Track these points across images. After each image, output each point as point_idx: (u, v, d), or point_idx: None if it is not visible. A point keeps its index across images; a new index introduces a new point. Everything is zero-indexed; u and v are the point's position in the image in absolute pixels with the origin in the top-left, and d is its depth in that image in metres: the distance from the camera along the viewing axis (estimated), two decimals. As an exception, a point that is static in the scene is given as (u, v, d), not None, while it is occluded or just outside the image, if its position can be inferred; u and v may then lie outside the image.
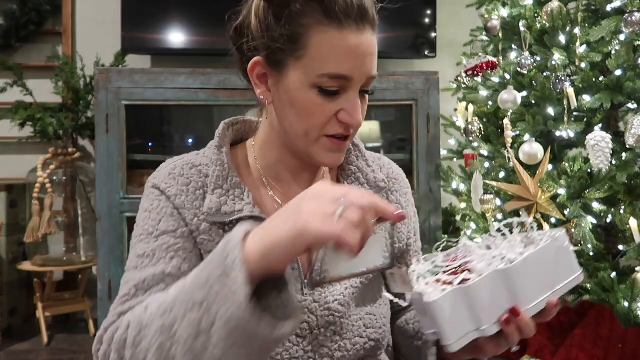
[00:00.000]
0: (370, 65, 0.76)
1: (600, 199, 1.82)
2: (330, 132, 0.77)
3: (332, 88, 0.74)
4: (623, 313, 1.67)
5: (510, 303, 0.68)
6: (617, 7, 1.89)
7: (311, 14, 0.73)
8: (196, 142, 2.64)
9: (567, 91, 1.86)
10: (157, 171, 0.85)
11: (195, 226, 0.79)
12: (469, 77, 2.13)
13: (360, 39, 0.74)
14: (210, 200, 0.79)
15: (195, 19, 2.69)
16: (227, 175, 0.81)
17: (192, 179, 0.81)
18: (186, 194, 0.80)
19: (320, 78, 0.73)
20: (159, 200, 0.80)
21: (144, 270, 0.76)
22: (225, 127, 0.87)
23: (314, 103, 0.75)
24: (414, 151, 2.36)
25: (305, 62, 0.74)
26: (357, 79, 0.75)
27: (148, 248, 0.77)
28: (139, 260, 0.77)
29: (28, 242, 2.52)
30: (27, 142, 2.70)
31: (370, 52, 0.75)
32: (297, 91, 0.75)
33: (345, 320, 0.82)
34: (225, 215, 0.78)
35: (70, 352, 2.36)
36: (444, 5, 2.85)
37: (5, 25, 2.77)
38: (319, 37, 0.73)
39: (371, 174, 0.88)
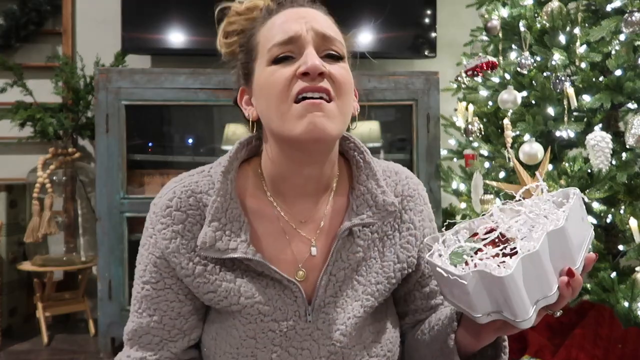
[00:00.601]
0: (315, 22, 0.77)
1: (600, 199, 1.82)
2: (296, 90, 0.73)
3: (283, 54, 0.76)
4: (623, 313, 1.67)
5: (563, 263, 0.65)
6: (617, 7, 1.89)
7: (257, 22, 0.82)
8: (196, 142, 2.64)
9: (567, 91, 1.86)
10: (159, 195, 0.83)
11: (190, 270, 0.79)
12: (469, 77, 2.13)
13: (295, 11, 0.79)
14: (205, 233, 0.77)
15: (195, 19, 2.69)
16: (227, 207, 0.78)
17: (189, 212, 0.80)
18: (181, 236, 0.79)
19: (270, 52, 0.76)
20: (149, 244, 0.82)
21: (137, 318, 0.83)
22: (240, 147, 0.84)
23: (271, 73, 0.76)
24: (414, 151, 2.36)
25: (259, 54, 0.79)
26: (304, 37, 0.75)
27: (138, 294, 0.83)
28: (134, 302, 0.84)
29: (28, 242, 2.52)
30: (27, 142, 2.70)
31: (310, 16, 0.78)
32: (260, 77, 0.78)
33: (347, 351, 0.81)
34: (219, 252, 0.77)
35: (70, 352, 2.36)
36: (444, 5, 2.85)
37: (5, 25, 2.77)
38: (264, 29, 0.80)
39: (380, 196, 0.83)
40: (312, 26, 0.76)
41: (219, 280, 0.78)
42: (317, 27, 0.76)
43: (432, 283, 0.90)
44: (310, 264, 0.82)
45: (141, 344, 0.82)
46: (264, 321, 0.79)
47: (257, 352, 0.79)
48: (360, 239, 0.83)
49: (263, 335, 0.79)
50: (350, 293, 0.82)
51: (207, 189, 0.81)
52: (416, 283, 0.90)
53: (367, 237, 0.84)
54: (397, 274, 0.85)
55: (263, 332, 0.79)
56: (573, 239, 0.67)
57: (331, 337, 0.80)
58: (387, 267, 0.85)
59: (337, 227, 0.83)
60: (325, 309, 0.81)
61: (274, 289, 0.79)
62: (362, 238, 0.83)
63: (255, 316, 0.79)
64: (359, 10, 2.67)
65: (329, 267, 0.80)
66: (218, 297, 0.79)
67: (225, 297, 0.78)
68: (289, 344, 0.80)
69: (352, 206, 0.83)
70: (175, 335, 0.82)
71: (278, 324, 0.79)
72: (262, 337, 0.79)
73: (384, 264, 0.85)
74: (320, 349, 0.80)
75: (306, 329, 0.80)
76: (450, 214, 2.47)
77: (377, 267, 0.84)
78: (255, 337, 0.79)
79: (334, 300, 0.81)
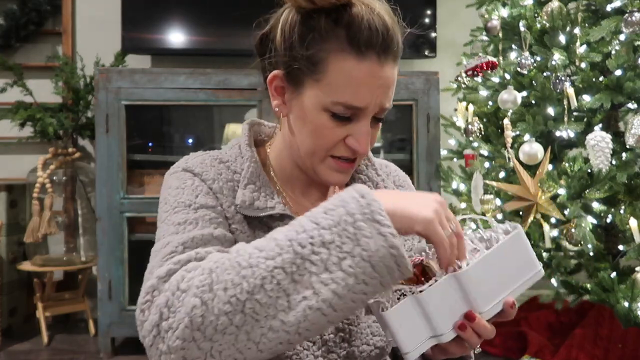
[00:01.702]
0: (386, 97, 0.76)
1: (600, 199, 1.82)
2: (337, 154, 0.78)
3: (345, 115, 0.75)
4: (623, 313, 1.67)
5: (465, 307, 0.67)
6: (617, 7, 1.89)
7: (334, 39, 0.73)
8: (196, 142, 2.64)
9: (567, 91, 1.86)
10: (184, 160, 0.83)
11: (231, 214, 0.78)
12: (469, 77, 2.13)
13: (380, 72, 0.73)
14: (243, 194, 0.78)
15: (195, 19, 2.69)
16: (259, 173, 0.81)
17: (222, 172, 0.81)
18: (220, 182, 0.79)
19: (334, 105, 0.74)
20: (193, 180, 0.79)
21: (189, 233, 0.71)
22: (248, 127, 0.87)
23: (325, 126, 0.75)
24: (414, 151, 2.36)
25: (322, 85, 0.74)
26: (370, 110, 0.75)
27: (189, 217, 0.73)
28: (179, 227, 0.72)
29: (28, 242, 2.52)
30: (27, 142, 2.70)
31: (387, 85, 0.75)
32: (311, 111, 0.76)
33: (353, 328, 0.83)
34: (258, 210, 0.78)
35: (70, 352, 2.35)
36: (444, 5, 2.85)
37: (5, 25, 2.77)
38: (339, 64, 0.73)
39: (381, 183, 0.89)
40: (381, 102, 0.75)
41: (250, 238, 0.75)
42: (385, 102, 0.76)
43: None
44: None
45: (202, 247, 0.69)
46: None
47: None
48: None
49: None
50: None
51: (234, 159, 0.82)
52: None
53: None
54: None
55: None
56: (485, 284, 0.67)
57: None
58: None
59: None
60: None
61: None
62: None
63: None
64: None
65: None
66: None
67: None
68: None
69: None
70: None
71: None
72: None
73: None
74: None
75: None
76: (450, 214, 2.47)
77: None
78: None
79: None
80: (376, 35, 0.72)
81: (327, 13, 0.73)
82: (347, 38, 0.72)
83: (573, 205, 1.77)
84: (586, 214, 1.80)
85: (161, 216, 0.77)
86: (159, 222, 0.77)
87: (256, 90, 2.22)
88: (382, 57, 0.73)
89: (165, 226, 0.74)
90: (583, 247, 1.77)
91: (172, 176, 0.82)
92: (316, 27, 0.73)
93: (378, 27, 0.73)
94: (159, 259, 0.68)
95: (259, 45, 0.82)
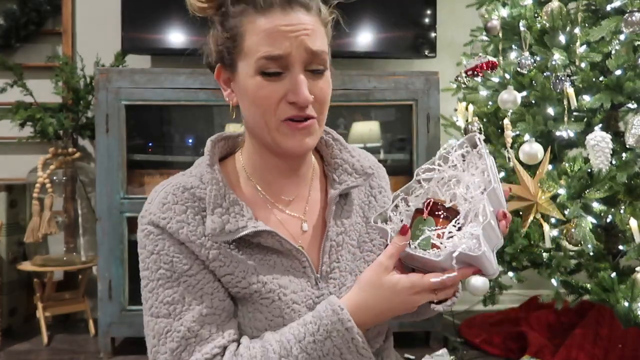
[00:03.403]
0: (308, 40, 0.78)
1: (600, 199, 1.82)
2: (284, 115, 0.79)
3: (272, 69, 0.77)
4: (623, 313, 1.67)
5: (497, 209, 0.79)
6: (617, 7, 1.89)
7: (242, 11, 0.79)
8: (196, 142, 2.64)
9: (567, 91, 1.86)
10: (148, 203, 0.85)
11: (204, 256, 0.80)
12: (469, 77, 2.13)
13: (286, 19, 0.77)
14: (212, 220, 0.79)
15: (195, 19, 2.69)
16: (224, 193, 0.82)
17: (188, 204, 0.82)
18: (187, 225, 0.81)
19: (258, 62, 0.77)
20: (163, 240, 0.81)
21: (182, 318, 0.78)
22: (212, 144, 0.88)
23: (261, 87, 0.78)
24: (414, 151, 2.36)
25: (245, 52, 0.79)
26: (293, 55, 0.77)
27: (175, 293, 0.79)
28: (169, 307, 0.79)
29: (28, 242, 2.52)
30: (27, 142, 2.70)
31: (301, 30, 0.77)
32: (246, 81, 0.79)
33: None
34: (230, 234, 0.80)
35: (70, 352, 2.35)
36: (444, 5, 2.85)
37: (5, 25, 2.77)
38: (250, 27, 0.78)
39: (357, 163, 0.92)
40: (302, 42, 0.77)
41: (234, 262, 0.81)
42: (308, 44, 0.78)
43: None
44: (304, 240, 0.88)
45: (201, 341, 0.78)
46: (286, 294, 0.82)
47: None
48: (347, 205, 0.91)
49: (289, 311, 0.81)
50: (350, 256, 0.89)
51: (197, 184, 0.84)
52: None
53: (351, 204, 0.92)
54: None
55: (288, 306, 0.82)
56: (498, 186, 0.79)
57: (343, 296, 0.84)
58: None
59: (322, 202, 0.91)
60: (332, 274, 0.86)
61: (282, 265, 0.83)
62: (348, 205, 0.92)
63: (277, 291, 0.81)
64: (359, 10, 2.67)
65: (329, 233, 0.87)
66: (236, 279, 0.81)
67: (243, 277, 0.81)
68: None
69: (332, 177, 0.91)
70: (226, 317, 0.82)
71: (297, 294, 0.82)
72: (289, 312, 0.81)
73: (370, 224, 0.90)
74: None
75: (320, 297, 0.84)
76: (450, 214, 2.47)
77: (366, 229, 0.92)
78: (282, 315, 0.81)
79: (337, 265, 0.87)
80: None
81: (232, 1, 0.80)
82: (251, 5, 0.79)
83: (573, 205, 1.77)
84: (586, 214, 1.80)
85: (146, 283, 0.82)
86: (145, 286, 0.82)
87: (256, 90, 2.21)
88: (286, 7, 0.78)
89: (154, 300, 0.80)
90: (583, 247, 1.77)
91: (142, 233, 0.85)
92: (226, 12, 0.81)
93: None
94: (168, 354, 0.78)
95: (205, 58, 0.89)
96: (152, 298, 0.81)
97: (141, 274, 0.84)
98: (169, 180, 0.87)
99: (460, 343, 2.32)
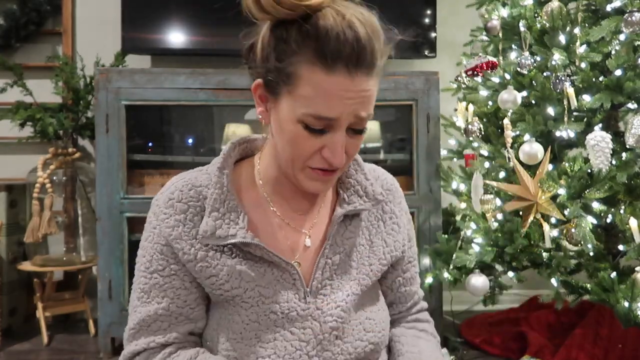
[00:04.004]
0: (361, 107, 0.75)
1: (600, 199, 1.82)
2: (314, 165, 0.79)
3: (316, 127, 0.75)
4: (623, 313, 1.67)
5: None
6: (617, 7, 1.89)
7: (304, 51, 0.72)
8: (196, 142, 2.64)
9: (567, 91, 1.86)
10: (161, 192, 0.88)
11: (192, 255, 0.83)
12: (469, 77, 2.13)
13: (350, 84, 0.72)
14: (206, 223, 0.83)
15: (195, 19, 2.69)
16: (225, 199, 0.84)
17: (190, 203, 0.85)
18: (183, 225, 0.84)
19: (306, 116, 0.74)
20: (153, 234, 0.86)
21: (143, 308, 0.85)
22: (232, 147, 0.90)
23: (300, 136, 0.76)
24: (414, 151, 2.36)
25: (294, 97, 0.74)
26: (343, 120, 0.75)
27: (146, 285, 0.86)
28: (140, 293, 0.86)
29: (28, 242, 2.52)
30: (27, 142, 2.70)
31: (361, 96, 0.74)
32: (286, 121, 0.77)
33: (346, 325, 0.86)
34: (219, 239, 0.82)
35: (70, 352, 2.35)
36: (444, 5, 2.85)
37: (5, 25, 2.77)
38: (309, 76, 0.73)
39: (370, 187, 0.91)
40: (356, 109, 0.74)
41: (220, 265, 0.83)
42: (360, 112, 0.75)
43: (412, 269, 1.00)
44: (304, 255, 0.88)
45: (150, 331, 0.85)
46: (265, 303, 0.83)
47: (260, 334, 0.83)
48: (352, 226, 0.91)
49: (265, 318, 0.83)
50: (345, 276, 0.89)
51: (207, 183, 0.86)
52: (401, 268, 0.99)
53: (357, 225, 0.91)
54: (387, 256, 0.93)
55: (265, 314, 0.83)
56: None
57: (332, 314, 0.85)
58: (377, 251, 0.92)
59: (329, 218, 0.91)
60: (322, 291, 0.87)
61: (272, 274, 0.84)
62: (354, 225, 0.91)
63: (257, 299, 0.83)
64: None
65: (325, 251, 0.87)
66: (220, 281, 0.83)
67: (227, 280, 0.83)
68: (291, 325, 0.84)
69: (342, 196, 0.90)
70: (182, 321, 0.86)
71: (279, 305, 0.83)
72: (265, 320, 0.83)
73: (374, 249, 0.92)
74: (322, 326, 0.84)
75: (306, 310, 0.85)
76: (450, 214, 2.47)
77: (368, 252, 0.92)
78: (258, 320, 0.83)
79: (330, 282, 0.87)
80: (345, 47, 0.71)
81: (298, 25, 0.73)
82: (316, 50, 0.72)
83: (573, 205, 1.77)
84: (586, 214, 1.80)
85: (137, 259, 0.89)
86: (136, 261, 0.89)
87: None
88: (352, 69, 0.72)
89: (135, 280, 0.87)
90: (583, 247, 1.76)
91: (148, 218, 0.89)
92: (287, 39, 0.74)
93: (348, 39, 0.71)
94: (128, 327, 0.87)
95: (247, 54, 0.84)
96: (135, 276, 0.88)
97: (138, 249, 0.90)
98: (184, 174, 0.89)
99: (460, 343, 2.32)
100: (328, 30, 0.71)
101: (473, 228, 2.08)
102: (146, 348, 0.85)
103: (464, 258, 1.99)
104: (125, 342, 0.87)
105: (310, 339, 0.83)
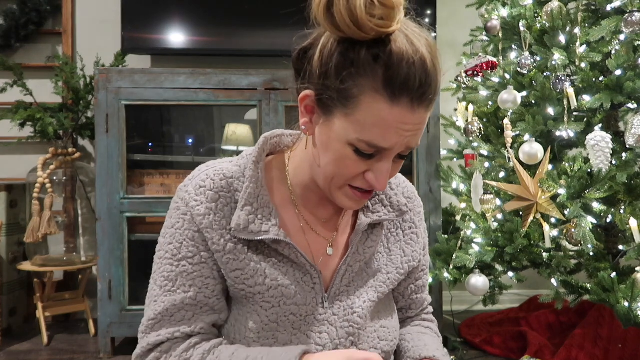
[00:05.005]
0: (414, 139, 0.75)
1: (600, 199, 1.82)
2: (354, 184, 0.79)
3: (367, 152, 0.74)
4: (623, 313, 1.67)
5: None
6: (617, 7, 1.89)
7: (370, 76, 0.70)
8: (196, 142, 2.64)
9: (567, 91, 1.86)
10: (190, 178, 0.86)
11: (221, 246, 0.82)
12: (469, 77, 2.13)
13: (411, 118, 0.71)
14: (239, 216, 0.81)
15: (195, 19, 2.69)
16: (259, 194, 0.83)
17: (222, 193, 0.83)
18: (214, 214, 0.82)
19: (360, 142, 0.73)
20: (183, 221, 0.83)
21: (167, 297, 0.82)
22: (265, 140, 0.88)
23: (348, 158, 0.75)
24: (414, 151, 2.36)
25: (350, 120, 0.72)
26: (395, 150, 0.75)
27: (172, 272, 0.83)
28: (164, 281, 0.83)
29: (28, 242, 2.52)
30: (27, 142, 2.70)
31: (417, 129, 0.74)
32: (336, 141, 0.75)
33: (362, 332, 0.87)
34: (252, 234, 0.81)
35: (70, 352, 2.35)
36: (444, 5, 2.85)
37: (5, 25, 2.77)
38: (371, 104, 0.70)
39: (394, 197, 0.92)
40: (408, 140, 0.74)
41: (247, 260, 0.82)
42: (411, 143, 0.75)
43: (424, 277, 1.01)
44: (325, 261, 0.89)
45: (173, 322, 0.82)
46: (287, 304, 0.83)
47: (278, 335, 0.83)
48: (374, 235, 0.90)
49: (285, 319, 0.83)
50: (363, 283, 0.89)
51: (239, 175, 0.85)
52: (414, 276, 0.99)
53: (378, 234, 0.91)
54: (404, 266, 0.93)
55: (285, 315, 0.83)
56: None
57: (348, 320, 0.86)
58: (395, 260, 0.93)
59: (352, 225, 0.91)
60: (339, 297, 0.87)
61: (294, 275, 0.84)
62: (375, 234, 0.91)
63: (279, 299, 0.83)
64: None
65: (348, 259, 0.87)
66: (245, 276, 0.82)
67: (251, 275, 0.82)
68: (308, 328, 0.84)
69: (367, 204, 0.90)
70: (207, 311, 0.84)
71: (298, 307, 0.83)
72: (284, 321, 0.83)
73: (392, 258, 0.93)
74: (339, 332, 0.85)
75: (324, 315, 0.85)
76: (450, 214, 2.48)
77: (386, 260, 0.92)
78: (277, 321, 0.83)
79: (347, 289, 0.88)
80: (413, 81, 0.69)
81: (368, 46, 0.70)
82: (383, 79, 0.69)
83: (573, 205, 1.77)
84: (586, 214, 1.80)
85: (159, 249, 0.86)
86: (158, 250, 0.86)
87: (256, 90, 2.22)
88: (415, 103, 0.70)
89: (158, 268, 0.84)
90: (583, 247, 1.76)
91: (174, 204, 0.86)
92: (354, 60, 0.70)
93: (417, 72, 0.69)
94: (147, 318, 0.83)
95: (297, 59, 0.80)
96: (157, 264, 0.85)
97: (159, 238, 0.87)
98: (214, 162, 0.88)
99: (460, 343, 2.32)
100: (399, 58, 0.69)
101: (473, 228, 2.08)
102: (170, 338, 0.82)
103: (464, 258, 2.00)
104: (142, 334, 0.84)
105: (326, 343, 0.84)
